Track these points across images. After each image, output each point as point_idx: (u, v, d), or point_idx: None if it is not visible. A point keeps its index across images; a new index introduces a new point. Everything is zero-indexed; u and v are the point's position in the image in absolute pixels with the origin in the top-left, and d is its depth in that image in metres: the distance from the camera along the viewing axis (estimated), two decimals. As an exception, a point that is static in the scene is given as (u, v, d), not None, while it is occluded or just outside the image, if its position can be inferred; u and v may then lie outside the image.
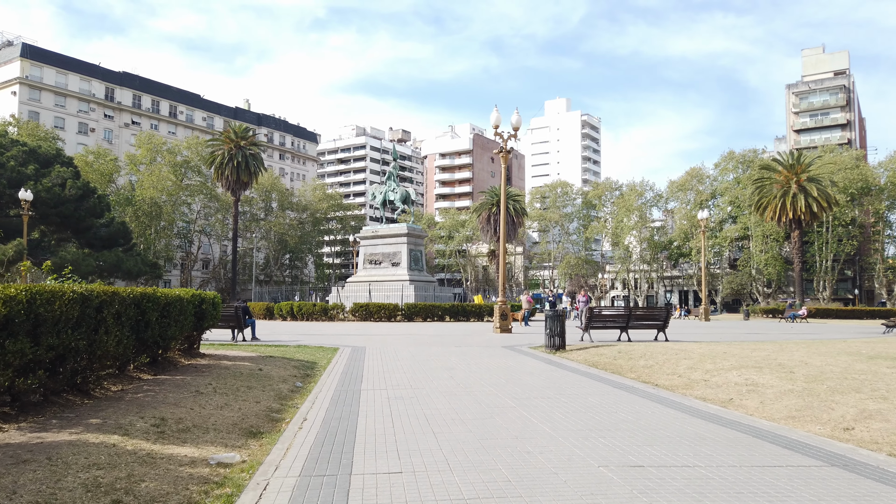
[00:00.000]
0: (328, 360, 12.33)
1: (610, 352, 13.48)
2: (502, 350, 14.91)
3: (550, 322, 14.54)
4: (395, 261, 40.47)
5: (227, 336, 17.66)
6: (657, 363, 11.28)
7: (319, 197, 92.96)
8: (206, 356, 11.17)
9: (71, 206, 41.80)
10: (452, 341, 18.17)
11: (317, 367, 11.24)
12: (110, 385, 7.35)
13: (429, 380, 9.45)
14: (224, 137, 66.64)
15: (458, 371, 10.57)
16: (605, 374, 10.48)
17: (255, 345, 15.86)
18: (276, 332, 22.93)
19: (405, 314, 34.80)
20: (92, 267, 41.13)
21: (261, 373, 9.51)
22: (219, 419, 6.09)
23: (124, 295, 7.07)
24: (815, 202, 56.27)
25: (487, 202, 70.62)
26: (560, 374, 10.33)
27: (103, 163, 67.31)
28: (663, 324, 18.18)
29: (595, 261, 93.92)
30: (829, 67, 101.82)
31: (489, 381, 9.42)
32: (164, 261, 76.01)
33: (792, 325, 34.48)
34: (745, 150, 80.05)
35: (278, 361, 11.24)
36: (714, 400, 7.87)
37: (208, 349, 12.80)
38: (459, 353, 13.87)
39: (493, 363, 11.85)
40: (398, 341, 18.05)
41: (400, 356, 13.15)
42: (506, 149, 23.24)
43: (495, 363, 11.84)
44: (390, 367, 11.14)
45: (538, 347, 15.64)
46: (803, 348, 13.06)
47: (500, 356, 13.29)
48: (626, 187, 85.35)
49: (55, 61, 79.63)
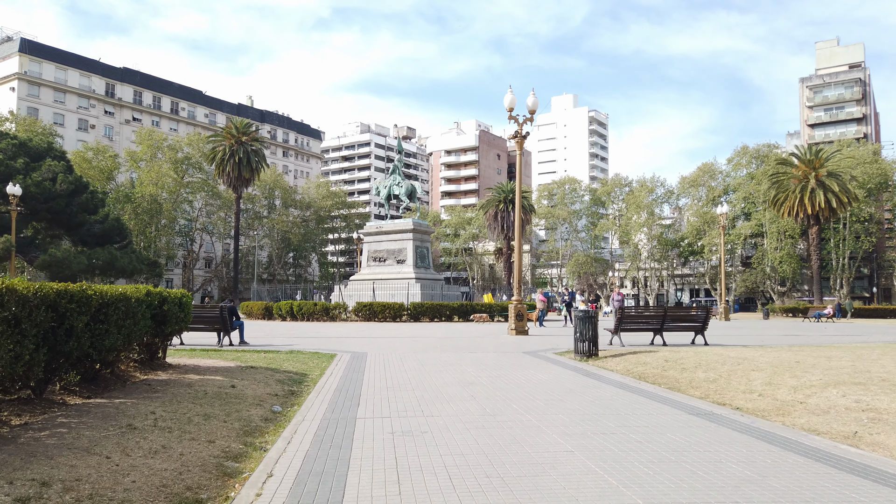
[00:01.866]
0: (322, 370, 10.34)
1: (654, 360, 11.43)
2: (525, 357, 12.87)
3: (581, 325, 12.48)
4: (400, 258, 38.44)
5: (212, 340, 15.71)
6: (720, 376, 9.23)
7: (323, 194, 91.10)
8: (172, 368, 9.19)
9: (62, 201, 39.92)
10: (465, 345, 16.14)
11: (306, 380, 9.23)
12: (12, 417, 5.37)
13: (444, 402, 7.44)
14: (225, 133, 64.91)
15: (479, 388, 8.55)
16: (663, 391, 8.43)
17: (242, 350, 13.89)
18: (270, 335, 20.95)
19: (411, 314, 32.80)
20: (84, 265, 39.29)
21: (231, 392, 7.50)
22: (140, 479, 4.07)
23: (25, 293, 5.07)
24: (835, 197, 54.14)
25: (495, 199, 68.60)
26: (608, 392, 8.28)
27: (103, 159, 65.59)
28: (702, 325, 16.12)
29: (604, 259, 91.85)
30: (843, 60, 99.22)
31: (522, 403, 7.40)
32: (165, 259, 74.42)
33: (824, 325, 32.32)
34: (759, 145, 77.70)
35: (260, 374, 9.23)
36: (832, 434, 5.83)
37: (181, 357, 10.83)
38: (476, 362, 11.85)
39: (521, 376, 9.82)
40: (404, 346, 16.04)
41: (406, 366, 11.14)
42: (521, 133, 21.18)
43: (523, 376, 9.81)
44: (395, 381, 9.14)
45: (565, 353, 13.60)
46: (885, 355, 10.99)
47: (525, 366, 11.26)
48: (637, 183, 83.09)
49: (54, 57, 77.93)
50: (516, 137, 21.30)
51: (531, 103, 21.11)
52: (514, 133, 21.23)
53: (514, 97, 21.03)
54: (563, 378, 9.54)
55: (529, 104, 21.12)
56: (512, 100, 20.98)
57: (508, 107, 20.97)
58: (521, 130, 21.14)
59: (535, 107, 21.14)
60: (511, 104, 20.96)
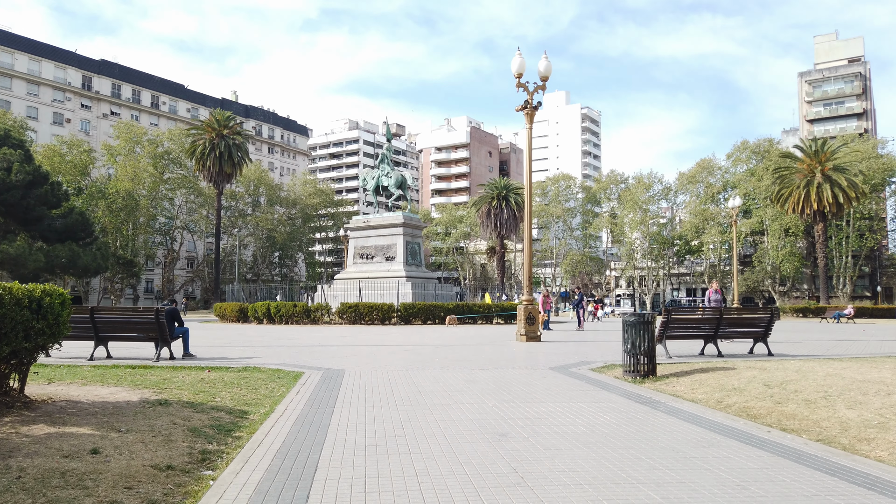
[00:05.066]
0: (273, 403, 7.05)
1: (743, 383, 8.21)
2: (558, 377, 9.58)
3: (632, 333, 9.24)
4: (389, 255, 35.07)
5: (148, 352, 12.36)
6: (850, 405, 6.06)
7: (310, 192, 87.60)
8: (29, 406, 5.87)
9: (17, 193, 36.20)
10: (471, 356, 12.79)
11: (240, 427, 5.91)
12: None
13: (465, 481, 4.21)
14: (206, 126, 61.57)
15: (517, 445, 5.28)
16: (788, 438, 5.22)
17: (180, 367, 10.54)
18: (233, 342, 17.55)
19: (401, 316, 29.47)
20: (40, 263, 35.62)
21: (77, 469, 4.16)
22: None
23: None
24: (843, 192, 51.59)
25: (488, 195, 65.67)
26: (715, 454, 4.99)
27: (77, 154, 61.69)
28: (765, 331, 12.97)
29: (599, 258, 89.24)
30: (842, 55, 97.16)
31: (607, 487, 4.16)
32: (144, 258, 70.67)
33: (847, 327, 29.44)
34: (760, 140, 75.30)
35: (168, 416, 5.91)
36: None
37: (63, 385, 7.50)
38: (495, 386, 8.56)
39: (571, 416, 6.53)
40: (394, 358, 12.72)
41: (397, 394, 7.85)
42: (531, 103, 17.93)
43: (575, 416, 6.52)
44: (380, 428, 5.87)
45: (604, 369, 10.37)
46: None
47: (566, 393, 7.98)
48: (633, 179, 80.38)
49: (27, 47, 73.87)
50: (525, 108, 18.05)
51: (543, 68, 17.88)
52: (524, 103, 17.99)
53: (522, 60, 17.79)
54: (634, 418, 6.29)
55: (541, 69, 17.91)
56: (521, 64, 17.73)
57: (517, 72, 17.73)
58: (531, 100, 17.91)
59: (549, 72, 17.91)
60: (520, 69, 17.72)
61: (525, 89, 17.87)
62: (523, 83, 17.81)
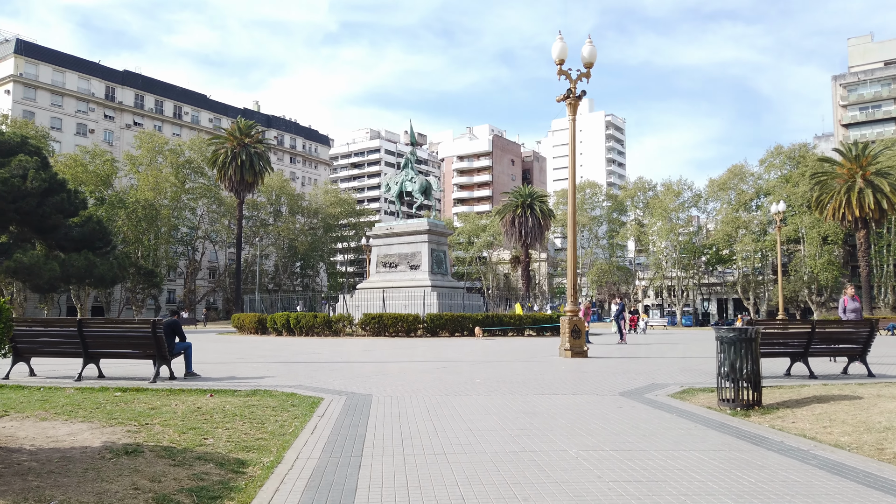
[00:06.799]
0: (281, 449, 5.34)
1: (878, 416, 6.33)
2: (633, 406, 7.72)
3: (731, 353, 7.36)
4: (413, 263, 33.38)
5: (147, 370, 10.76)
6: None
7: (331, 201, 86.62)
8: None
9: (33, 200, 35.25)
10: (517, 377, 10.95)
11: (229, 493, 4.19)
12: None
13: None
14: (227, 135, 60.93)
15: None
16: None
17: (178, 389, 8.92)
18: (245, 357, 15.92)
19: (427, 327, 27.71)
20: (56, 272, 34.57)
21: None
22: None
23: None
24: (885, 198, 49.04)
25: (512, 203, 63.95)
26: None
27: (99, 164, 61.34)
28: (864, 347, 10.99)
29: (626, 267, 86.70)
30: (878, 57, 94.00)
31: None
32: (165, 268, 70.05)
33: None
34: (795, 145, 72.56)
35: (122, 480, 4.16)
36: None
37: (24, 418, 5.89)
38: (566, 422, 6.73)
39: (688, 471, 4.72)
40: (427, 378, 10.95)
41: (444, 436, 6.08)
42: (574, 91, 16.14)
43: (691, 469, 4.70)
44: (429, 495, 4.13)
45: (685, 395, 8.49)
46: None
47: (664, 436, 6.12)
48: (662, 186, 77.92)
49: (52, 59, 74.14)
50: (568, 98, 16.25)
51: (587, 53, 16.11)
52: (567, 92, 16.20)
53: (564, 45, 16.03)
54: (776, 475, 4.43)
55: (585, 55, 16.13)
56: (562, 49, 15.97)
57: (558, 58, 15.97)
58: (575, 88, 16.13)
59: (594, 58, 16.13)
60: (561, 55, 15.96)
61: (567, 77, 16.09)
62: (565, 70, 16.05)
